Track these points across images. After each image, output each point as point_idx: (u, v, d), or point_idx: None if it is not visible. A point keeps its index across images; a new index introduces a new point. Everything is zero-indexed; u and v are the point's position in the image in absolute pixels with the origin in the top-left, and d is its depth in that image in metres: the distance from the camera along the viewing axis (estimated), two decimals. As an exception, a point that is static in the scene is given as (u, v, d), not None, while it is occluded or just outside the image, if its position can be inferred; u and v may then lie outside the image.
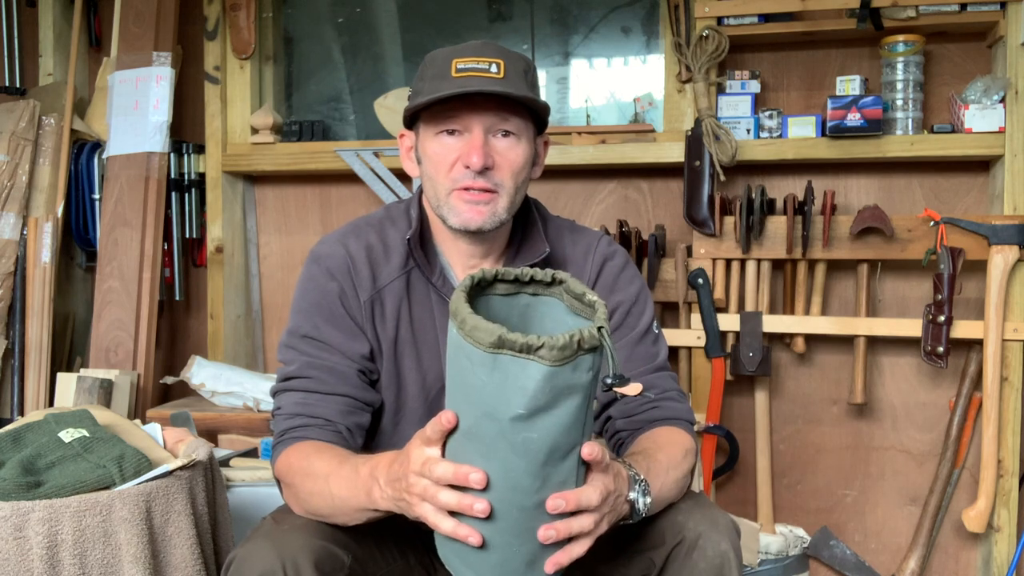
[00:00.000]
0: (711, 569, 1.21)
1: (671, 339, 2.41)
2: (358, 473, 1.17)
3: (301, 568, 1.14)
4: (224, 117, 2.81)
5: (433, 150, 1.34)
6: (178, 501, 1.53)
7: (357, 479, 1.17)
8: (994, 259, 2.27)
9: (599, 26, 2.78)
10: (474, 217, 1.33)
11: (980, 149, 2.32)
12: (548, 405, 0.96)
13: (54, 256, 2.73)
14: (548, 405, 0.96)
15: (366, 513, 1.18)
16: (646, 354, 1.43)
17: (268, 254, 2.96)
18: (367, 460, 1.18)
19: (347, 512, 1.21)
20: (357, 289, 1.39)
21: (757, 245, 2.41)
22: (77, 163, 2.81)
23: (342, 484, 1.19)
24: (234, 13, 2.77)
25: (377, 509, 1.15)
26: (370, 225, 1.44)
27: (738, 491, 2.60)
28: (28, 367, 2.71)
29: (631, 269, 1.49)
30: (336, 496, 1.20)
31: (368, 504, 1.15)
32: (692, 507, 1.26)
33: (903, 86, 2.36)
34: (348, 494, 1.18)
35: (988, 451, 2.29)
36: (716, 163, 2.39)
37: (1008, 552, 2.31)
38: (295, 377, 1.36)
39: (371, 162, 2.66)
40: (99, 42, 2.98)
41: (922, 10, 2.32)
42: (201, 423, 2.31)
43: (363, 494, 1.15)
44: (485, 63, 1.30)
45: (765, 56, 2.57)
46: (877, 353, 2.52)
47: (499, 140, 1.33)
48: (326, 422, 1.32)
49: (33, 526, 1.40)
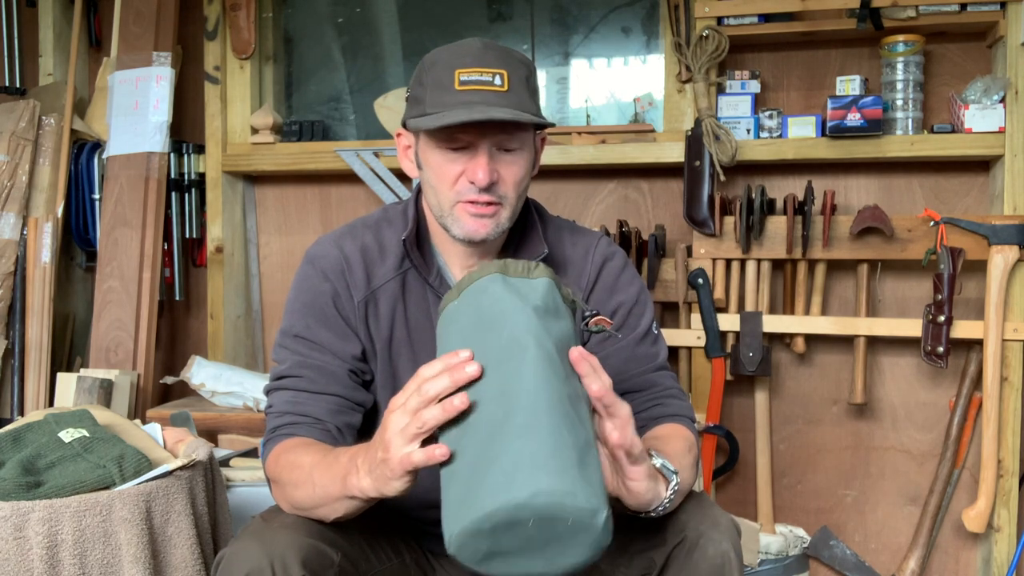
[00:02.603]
0: (712, 569, 1.21)
1: (671, 339, 2.42)
2: (338, 461, 1.17)
3: (289, 566, 1.14)
4: (224, 117, 2.81)
5: (436, 162, 1.34)
6: (178, 501, 1.54)
7: (337, 466, 1.17)
8: (994, 259, 2.27)
9: (599, 26, 2.78)
10: (479, 230, 1.33)
11: (980, 149, 2.32)
12: (555, 312, 1.10)
13: (54, 256, 2.73)
14: (555, 312, 1.10)
15: (346, 502, 1.17)
16: (646, 355, 1.43)
17: (268, 254, 2.96)
18: (347, 449, 1.19)
19: (328, 502, 1.20)
20: (351, 290, 1.39)
21: (757, 245, 2.41)
22: (77, 163, 2.81)
23: (323, 473, 1.19)
24: (234, 13, 2.77)
25: (354, 496, 1.15)
26: (366, 226, 1.44)
27: (738, 491, 2.60)
28: (28, 367, 2.71)
29: (631, 270, 1.49)
30: (317, 485, 1.20)
31: (345, 491, 1.15)
32: (693, 507, 1.26)
33: (903, 86, 2.36)
34: (328, 482, 1.18)
35: (988, 451, 2.29)
36: (716, 163, 2.39)
37: (1008, 552, 2.31)
38: (286, 376, 1.37)
39: (371, 162, 2.66)
40: (99, 42, 2.98)
41: (922, 10, 2.32)
42: (201, 423, 2.31)
43: (340, 480, 1.15)
44: (488, 75, 1.29)
45: (765, 56, 2.57)
46: (877, 353, 2.52)
47: (503, 155, 1.33)
48: (316, 420, 1.33)
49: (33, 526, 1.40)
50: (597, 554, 1.02)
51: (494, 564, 1.01)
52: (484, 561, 1.01)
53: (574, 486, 0.98)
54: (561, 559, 1.01)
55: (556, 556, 1.01)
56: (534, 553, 1.00)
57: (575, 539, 1.00)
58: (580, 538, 0.99)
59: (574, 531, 0.99)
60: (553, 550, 1.00)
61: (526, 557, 1.00)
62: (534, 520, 0.97)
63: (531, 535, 0.99)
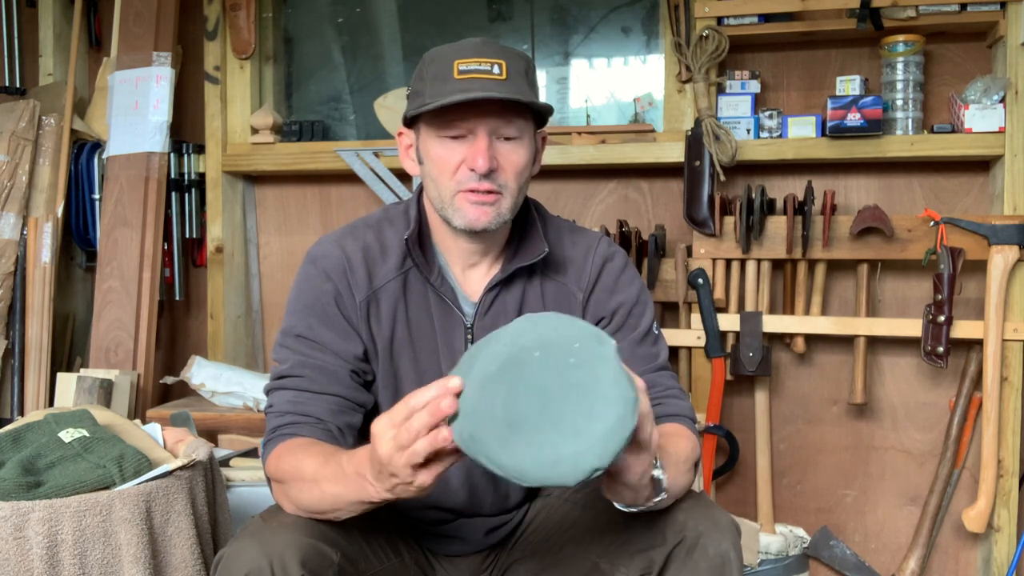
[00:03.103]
0: (712, 569, 1.21)
1: (671, 339, 2.42)
2: (344, 473, 1.17)
3: (288, 566, 1.14)
4: (224, 117, 2.81)
5: (437, 153, 1.34)
6: (178, 501, 1.54)
7: (345, 479, 1.17)
8: (994, 259, 2.27)
9: (599, 26, 2.78)
10: (480, 218, 1.33)
11: (980, 149, 2.32)
12: None
13: (54, 256, 2.73)
14: None
15: (364, 505, 1.19)
16: (647, 355, 1.44)
17: (268, 254, 2.96)
18: (350, 458, 1.17)
19: (344, 507, 1.21)
20: (353, 290, 1.39)
21: (757, 245, 2.41)
22: (77, 163, 2.81)
23: (332, 483, 1.19)
24: (234, 13, 2.77)
25: (372, 501, 1.16)
26: (368, 226, 1.45)
27: (738, 491, 2.60)
28: (28, 367, 2.71)
29: (631, 270, 1.49)
30: (328, 493, 1.20)
31: (365, 498, 1.16)
32: (693, 506, 1.26)
33: (903, 86, 2.36)
34: (342, 491, 1.18)
35: (988, 451, 2.29)
36: (716, 163, 2.39)
37: (1008, 552, 2.31)
38: (287, 376, 1.37)
39: (371, 162, 2.66)
40: (99, 42, 2.98)
41: (922, 10, 2.32)
42: (201, 423, 2.31)
43: (356, 491, 1.16)
44: (487, 64, 1.30)
45: (765, 56, 2.57)
46: (877, 353, 2.52)
47: (502, 143, 1.33)
48: (317, 420, 1.33)
49: (33, 526, 1.40)
50: (628, 410, 0.98)
51: (514, 442, 0.97)
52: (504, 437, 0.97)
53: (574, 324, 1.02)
54: (590, 424, 0.97)
55: (584, 419, 0.97)
56: (557, 418, 0.97)
57: (593, 382, 0.97)
58: (598, 379, 0.97)
59: (587, 364, 0.97)
60: (575, 406, 0.97)
61: (550, 427, 0.97)
62: (540, 350, 0.98)
63: (544, 382, 0.97)
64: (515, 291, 1.42)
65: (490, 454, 0.98)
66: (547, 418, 0.98)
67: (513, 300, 1.42)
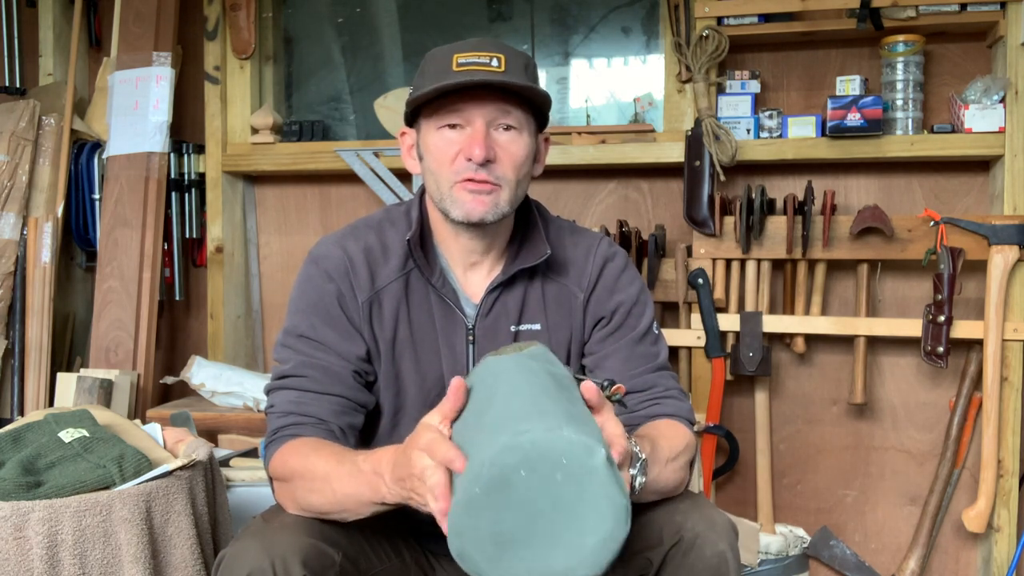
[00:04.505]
0: (708, 569, 1.21)
1: (671, 339, 2.42)
2: (360, 470, 1.17)
3: (290, 566, 1.14)
4: (224, 117, 2.81)
5: (435, 144, 1.35)
6: (178, 501, 1.54)
7: (360, 476, 1.17)
8: (994, 259, 2.27)
9: (599, 26, 2.78)
10: (477, 207, 1.33)
11: (980, 149, 2.32)
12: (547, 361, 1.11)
13: (54, 256, 2.73)
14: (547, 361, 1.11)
15: (374, 507, 1.19)
16: (646, 354, 1.44)
17: (268, 254, 2.97)
18: (367, 457, 1.18)
19: (354, 508, 1.21)
20: (355, 290, 1.39)
21: (757, 245, 2.41)
22: (77, 163, 2.81)
23: (345, 482, 1.19)
24: (234, 13, 2.77)
25: (385, 503, 1.16)
26: (369, 226, 1.45)
27: (738, 491, 2.60)
28: (28, 367, 2.71)
29: (631, 270, 1.49)
30: (339, 492, 1.20)
31: (377, 499, 1.16)
32: (690, 507, 1.26)
33: (903, 86, 2.36)
34: (354, 491, 1.18)
35: (988, 451, 2.29)
36: (716, 163, 2.39)
37: (1008, 552, 2.31)
38: (290, 376, 1.37)
39: (371, 162, 2.66)
40: (99, 42, 2.98)
41: (922, 10, 2.32)
42: (201, 423, 2.31)
43: (369, 491, 1.16)
44: (486, 57, 1.31)
45: (765, 56, 2.57)
46: (877, 353, 2.52)
47: (501, 134, 1.33)
48: (319, 421, 1.33)
49: (33, 526, 1.40)
50: (620, 520, 0.95)
51: (506, 559, 0.96)
52: (494, 556, 0.95)
53: (558, 422, 0.94)
54: (581, 539, 0.95)
55: (575, 534, 0.95)
56: (548, 533, 0.95)
57: (583, 495, 0.94)
58: (588, 492, 0.94)
59: (576, 478, 0.93)
60: (566, 521, 0.95)
61: (540, 542, 0.95)
62: (525, 469, 0.93)
63: (532, 499, 0.94)
64: (516, 292, 1.42)
65: (481, 571, 0.97)
66: (537, 536, 0.96)
67: (514, 301, 1.42)
